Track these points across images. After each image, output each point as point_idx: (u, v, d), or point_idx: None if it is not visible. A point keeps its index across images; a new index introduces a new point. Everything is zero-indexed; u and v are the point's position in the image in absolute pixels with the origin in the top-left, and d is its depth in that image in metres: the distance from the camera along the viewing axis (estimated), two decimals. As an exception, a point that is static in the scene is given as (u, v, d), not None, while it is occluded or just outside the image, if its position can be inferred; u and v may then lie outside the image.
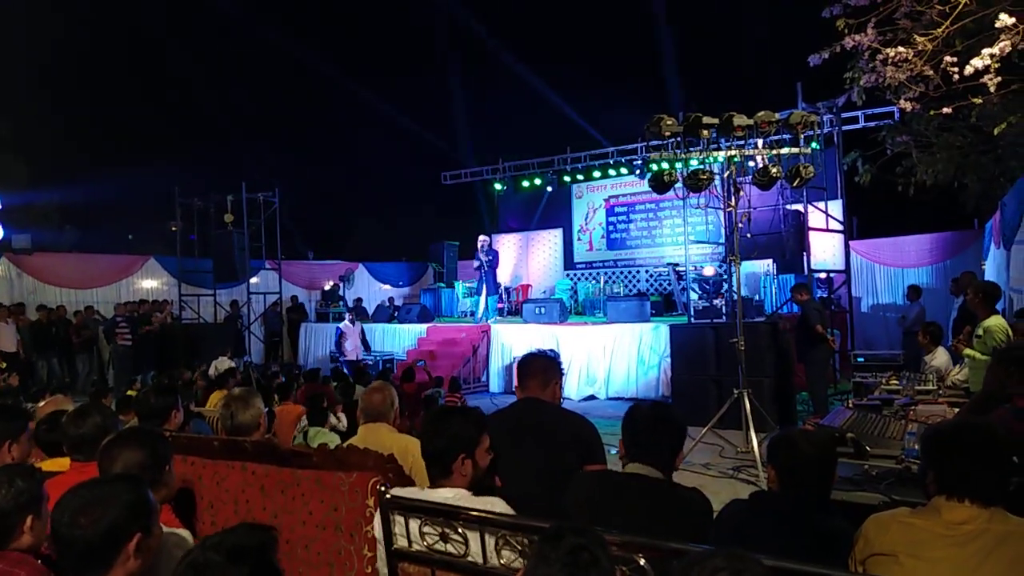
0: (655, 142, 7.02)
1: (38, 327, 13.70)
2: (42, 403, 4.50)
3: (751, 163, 8.84)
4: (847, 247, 13.55)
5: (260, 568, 1.55)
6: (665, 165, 7.90)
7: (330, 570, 3.03)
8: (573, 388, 11.69)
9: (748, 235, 8.29)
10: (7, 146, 19.21)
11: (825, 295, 12.77)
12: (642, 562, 1.83)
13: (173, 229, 17.25)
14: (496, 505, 2.28)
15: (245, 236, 15.41)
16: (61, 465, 2.88)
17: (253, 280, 16.60)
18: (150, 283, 17.42)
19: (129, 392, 9.94)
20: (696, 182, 6.70)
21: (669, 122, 6.61)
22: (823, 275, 13.14)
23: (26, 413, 3.14)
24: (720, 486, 6.34)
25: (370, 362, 13.39)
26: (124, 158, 23.13)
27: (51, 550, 1.94)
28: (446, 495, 2.36)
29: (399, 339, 14.37)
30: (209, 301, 16.48)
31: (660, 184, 6.93)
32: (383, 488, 2.57)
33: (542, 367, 3.13)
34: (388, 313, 15.83)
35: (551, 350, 3.26)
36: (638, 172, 16.27)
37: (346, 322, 14.38)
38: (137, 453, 2.25)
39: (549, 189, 18.26)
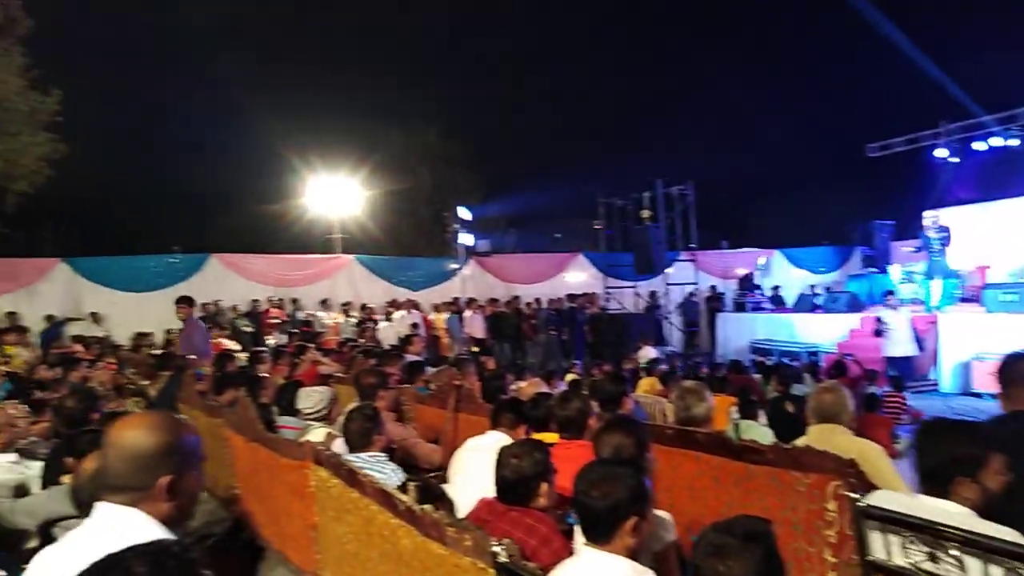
0: None
1: (497, 317, 16.32)
2: (524, 384, 5.38)
3: None
4: None
5: (770, 550, 1.68)
6: None
7: (789, 568, 3.01)
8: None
9: None
10: (470, 167, 23.36)
11: None
12: None
13: (596, 227, 18.94)
14: (1004, 534, 1.99)
15: (662, 229, 16.10)
16: (550, 438, 3.40)
17: (669, 271, 17.23)
18: (578, 277, 19.38)
19: (569, 376, 11.26)
20: None
21: None
22: None
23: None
24: None
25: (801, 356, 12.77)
26: (553, 168, 26.19)
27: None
28: (947, 509, 2.13)
29: (825, 330, 13.40)
30: (631, 292, 17.65)
31: None
32: (854, 494, 2.45)
33: None
34: (810, 302, 14.92)
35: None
36: None
37: (885, 308, 12.22)
38: (625, 439, 2.55)
39: (1013, 145, 15.01)
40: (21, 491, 3.65)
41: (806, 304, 15.07)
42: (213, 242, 16.58)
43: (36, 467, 3.81)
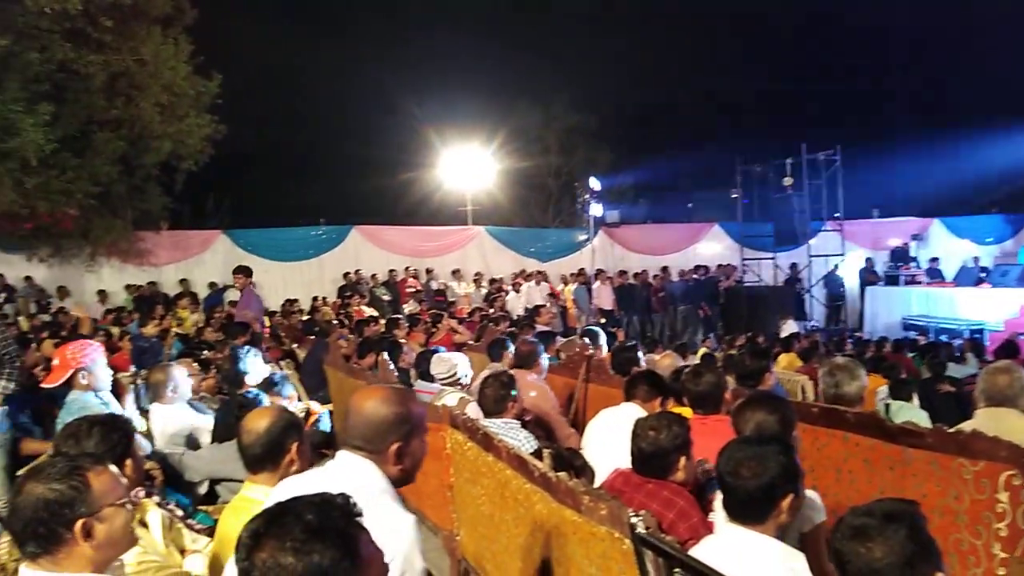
0: None
1: (625, 289, 16.08)
2: (656, 357, 5.28)
3: None
4: None
5: (915, 531, 1.58)
6: None
7: (949, 560, 2.80)
8: None
9: None
10: (599, 137, 22.98)
11: None
12: None
13: (733, 196, 18.13)
14: None
15: (805, 198, 15.18)
16: (684, 412, 3.31)
17: (813, 242, 16.22)
18: (713, 248, 18.68)
19: (700, 350, 10.94)
20: None
21: None
22: None
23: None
24: None
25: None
26: (687, 134, 25.30)
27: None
28: None
29: (991, 307, 12.18)
30: (769, 264, 16.82)
31: None
32: (1034, 487, 2.21)
33: None
34: (974, 276, 13.61)
35: None
36: None
37: None
38: (768, 416, 2.43)
39: None
40: (192, 440, 4.04)
41: (969, 278, 13.77)
42: (355, 213, 17.44)
43: (204, 420, 4.20)
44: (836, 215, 16.30)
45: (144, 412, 4.22)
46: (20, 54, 9.26)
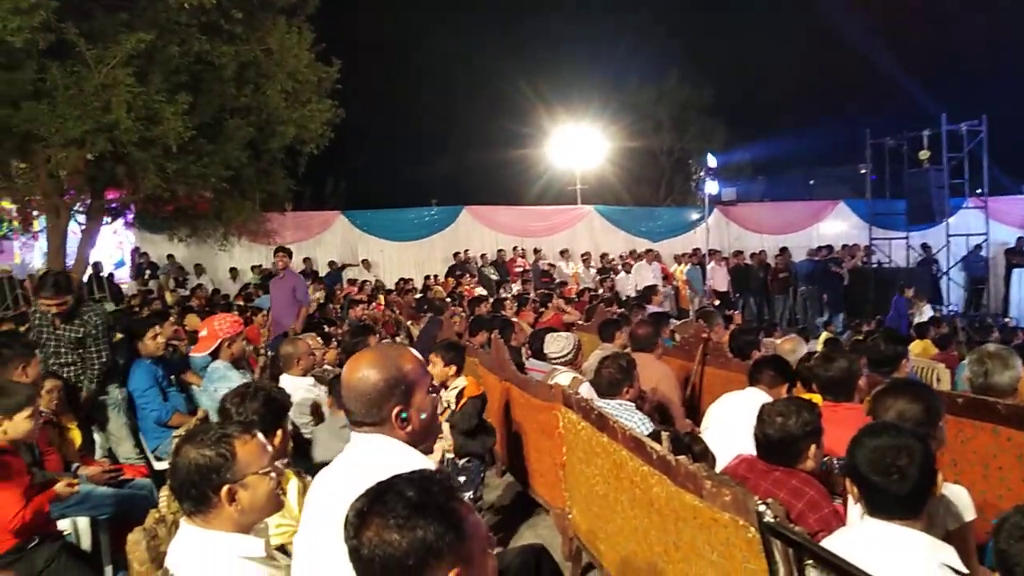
0: None
1: (741, 270, 15.45)
2: (778, 341, 5.05)
3: None
4: None
5: None
6: None
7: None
8: None
9: None
10: (713, 112, 22.15)
11: None
12: None
13: (862, 172, 16.99)
14: None
15: (944, 173, 13.98)
16: (815, 399, 3.14)
17: (951, 220, 14.93)
18: (837, 227, 17.64)
19: (823, 335, 10.37)
20: None
21: None
22: None
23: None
24: None
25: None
26: (810, 106, 23.93)
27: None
28: None
29: None
30: (901, 244, 15.69)
31: None
32: None
33: None
34: None
35: None
36: None
37: None
38: (913, 406, 2.25)
39: None
40: (316, 409, 4.25)
41: None
42: (465, 194, 17.71)
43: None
44: (979, 191, 14.94)
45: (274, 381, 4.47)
46: (163, 48, 9.93)
